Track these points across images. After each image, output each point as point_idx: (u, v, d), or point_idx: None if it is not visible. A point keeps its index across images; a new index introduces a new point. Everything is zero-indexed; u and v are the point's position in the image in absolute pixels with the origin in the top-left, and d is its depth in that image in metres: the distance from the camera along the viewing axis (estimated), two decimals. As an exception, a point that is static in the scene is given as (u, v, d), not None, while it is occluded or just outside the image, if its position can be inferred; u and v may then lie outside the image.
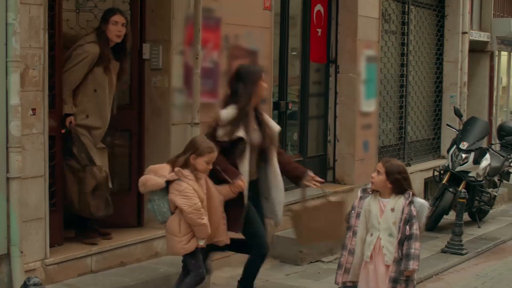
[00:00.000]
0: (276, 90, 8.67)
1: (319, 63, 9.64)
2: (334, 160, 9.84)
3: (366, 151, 10.00)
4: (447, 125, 11.75)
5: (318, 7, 9.42)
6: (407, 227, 5.07)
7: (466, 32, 12.60)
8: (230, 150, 5.81)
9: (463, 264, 8.95)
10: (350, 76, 9.67)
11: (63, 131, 5.99)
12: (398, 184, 5.13)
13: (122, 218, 6.78)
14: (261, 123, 5.99)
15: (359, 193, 5.35)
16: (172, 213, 5.49)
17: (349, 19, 9.61)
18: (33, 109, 5.52)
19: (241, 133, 5.77)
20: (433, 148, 12.65)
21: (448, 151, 10.91)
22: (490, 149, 11.23)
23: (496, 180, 11.69)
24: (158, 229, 6.55)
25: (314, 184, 6.22)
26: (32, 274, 5.51)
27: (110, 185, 6.41)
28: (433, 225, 10.42)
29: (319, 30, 9.49)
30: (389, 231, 5.13)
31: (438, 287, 7.90)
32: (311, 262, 8.30)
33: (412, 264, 5.04)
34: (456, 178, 10.52)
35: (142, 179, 5.51)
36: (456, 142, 10.76)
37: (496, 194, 11.51)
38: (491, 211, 11.68)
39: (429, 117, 12.50)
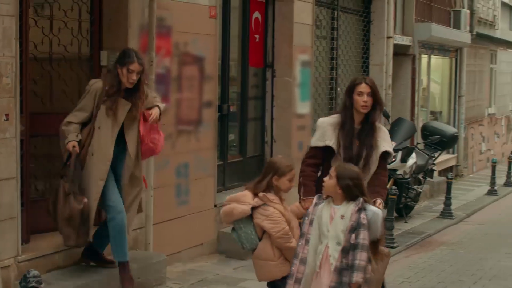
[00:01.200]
0: (219, 93, 9.23)
1: (257, 68, 10.25)
2: (271, 160, 10.45)
3: (300, 151, 10.64)
4: (375, 125, 12.54)
5: (256, 15, 10.03)
6: (353, 236, 4.90)
7: (390, 37, 13.44)
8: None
9: (395, 256, 9.68)
10: (286, 80, 10.31)
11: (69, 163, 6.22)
12: (349, 190, 5.03)
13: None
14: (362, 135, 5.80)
15: (314, 200, 5.22)
16: (260, 239, 5.51)
17: (285, 26, 10.25)
18: (7, 115, 5.93)
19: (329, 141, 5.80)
20: (360, 148, 13.42)
21: (375, 150, 11.68)
22: (416, 148, 12.06)
23: (420, 177, 12.58)
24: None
25: None
26: (6, 271, 5.98)
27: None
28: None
29: (257, 36, 10.10)
30: (337, 239, 4.97)
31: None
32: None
33: (356, 276, 4.84)
34: (385, 175, 11.31)
35: (226, 209, 5.55)
36: (384, 141, 11.54)
37: (421, 190, 12.40)
38: (416, 207, 12.56)
39: (356, 118, 13.26)
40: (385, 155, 5.82)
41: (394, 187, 10.46)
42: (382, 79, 13.32)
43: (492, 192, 15.50)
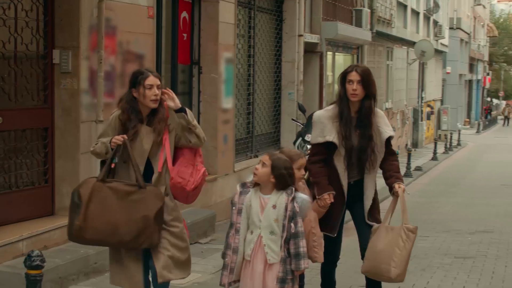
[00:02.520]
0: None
1: (185, 65, 10.89)
2: (199, 153, 11.11)
3: (225, 144, 11.36)
4: (292, 119, 13.43)
5: (184, 14, 10.66)
6: (292, 225, 5.00)
7: (301, 35, 14.32)
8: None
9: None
10: (212, 76, 10.98)
11: (113, 165, 5.46)
12: (283, 179, 5.07)
13: (38, 208, 7.72)
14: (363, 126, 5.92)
15: (238, 188, 5.21)
16: None
17: (211, 25, 10.92)
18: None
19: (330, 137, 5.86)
20: (274, 141, 14.25)
21: (294, 143, 12.53)
22: (330, 140, 12.95)
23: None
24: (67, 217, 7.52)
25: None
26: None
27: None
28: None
29: (185, 35, 10.74)
30: (271, 228, 5.03)
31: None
32: (191, 244, 9.52)
33: (303, 264, 5.01)
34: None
35: None
36: (301, 134, 12.40)
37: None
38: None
39: (271, 112, 14.08)
40: (389, 139, 5.95)
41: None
42: (294, 75, 14.21)
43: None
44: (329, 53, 16.94)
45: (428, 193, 16.35)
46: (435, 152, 23.85)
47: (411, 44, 25.47)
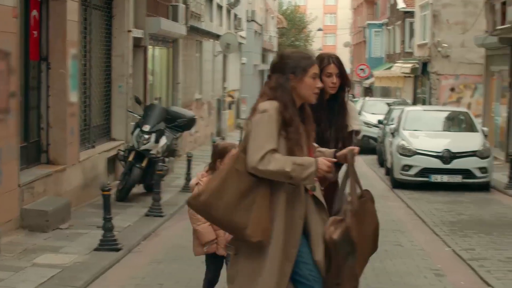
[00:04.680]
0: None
1: (35, 61, 11.67)
2: (48, 144, 11.94)
3: (72, 135, 12.26)
4: (129, 111, 14.51)
5: (34, 13, 11.45)
6: None
7: (130, 30, 15.38)
8: None
9: (167, 223, 11.81)
10: (61, 72, 11.85)
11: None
12: None
13: None
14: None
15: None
16: None
17: (59, 23, 11.78)
18: None
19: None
20: (106, 132, 15.23)
21: (132, 133, 13.62)
22: (166, 130, 14.16)
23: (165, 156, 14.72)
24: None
25: None
26: None
27: None
28: (124, 196, 13.10)
29: (35, 32, 11.52)
30: None
31: (161, 241, 10.61)
32: (53, 230, 10.43)
33: None
34: (140, 155, 13.30)
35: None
36: (139, 125, 13.53)
37: (168, 168, 14.54)
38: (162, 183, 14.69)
39: (103, 105, 15.04)
40: (355, 132, 5.95)
41: (162, 164, 12.54)
42: (124, 69, 15.26)
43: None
44: (150, 47, 18.07)
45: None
46: (240, 140, 25.63)
47: (217, 37, 27.08)
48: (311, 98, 4.77)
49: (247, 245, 4.58)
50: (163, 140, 13.78)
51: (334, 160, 4.64)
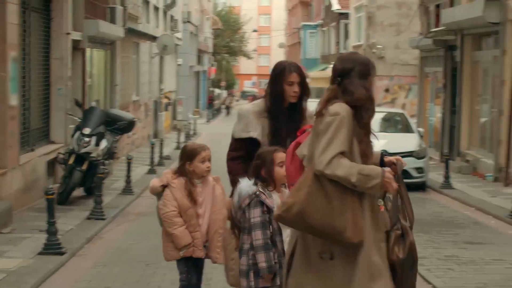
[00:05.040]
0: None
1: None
2: (-13, 148, 11.90)
3: (12, 139, 12.22)
4: (68, 114, 14.51)
5: (-26, 15, 11.42)
6: None
7: (69, 33, 15.38)
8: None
9: (109, 226, 11.87)
10: (1, 75, 11.82)
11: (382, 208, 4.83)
12: None
13: None
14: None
15: (263, 195, 5.34)
16: None
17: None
18: None
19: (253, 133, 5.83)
20: (45, 135, 15.19)
21: (72, 136, 13.64)
22: (106, 133, 14.20)
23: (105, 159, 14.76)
24: None
25: None
26: None
27: None
28: (65, 199, 13.11)
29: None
30: None
31: (104, 244, 10.68)
32: (-5, 234, 10.43)
33: None
34: (81, 158, 13.34)
35: (151, 181, 6.13)
36: (79, 128, 13.56)
37: (108, 170, 14.58)
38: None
39: (42, 107, 14.99)
40: None
41: (104, 167, 12.59)
42: (63, 71, 15.25)
43: (152, 170, 18.27)
44: (88, 49, 18.05)
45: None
46: (178, 142, 25.82)
47: (154, 38, 27.11)
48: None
49: (342, 248, 4.58)
50: (104, 143, 13.84)
51: (393, 173, 4.65)
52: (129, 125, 15.22)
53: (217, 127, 42.32)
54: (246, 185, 5.33)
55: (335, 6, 44.33)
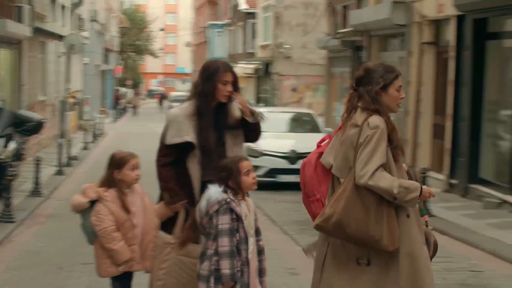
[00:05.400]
0: None
1: None
2: None
3: None
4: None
5: None
6: None
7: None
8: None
9: (19, 229, 11.67)
10: None
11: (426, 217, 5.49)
12: None
13: None
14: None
15: (233, 203, 5.36)
16: None
17: None
18: None
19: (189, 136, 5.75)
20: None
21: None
22: (14, 134, 13.95)
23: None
24: None
25: None
26: None
27: None
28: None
29: None
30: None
31: (15, 247, 10.50)
32: None
33: None
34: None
35: (71, 199, 5.70)
36: (-6, 133, 13.31)
37: (16, 172, 14.32)
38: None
39: None
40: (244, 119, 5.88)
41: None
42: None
43: (60, 171, 18.04)
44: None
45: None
46: (85, 142, 25.55)
47: (60, 37, 26.71)
48: (395, 109, 4.95)
49: (379, 254, 4.78)
50: (12, 144, 13.60)
51: (433, 192, 4.92)
52: (37, 126, 14.97)
53: (124, 127, 41.97)
54: (215, 191, 5.31)
55: (243, 6, 44.52)
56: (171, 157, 5.80)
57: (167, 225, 5.84)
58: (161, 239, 5.77)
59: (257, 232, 5.53)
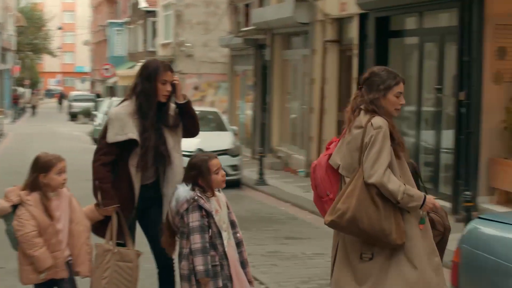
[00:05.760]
0: None
1: None
2: None
3: None
4: None
5: None
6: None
7: None
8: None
9: None
10: None
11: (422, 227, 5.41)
12: None
13: None
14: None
15: (201, 200, 5.40)
16: None
17: None
18: None
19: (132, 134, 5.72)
20: None
21: None
22: None
23: None
24: None
25: None
26: None
27: None
28: None
29: None
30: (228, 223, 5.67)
31: None
32: None
33: None
34: None
35: None
36: None
37: None
38: None
39: None
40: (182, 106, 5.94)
41: None
42: None
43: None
44: None
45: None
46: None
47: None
48: (394, 114, 5.14)
49: (385, 249, 5.00)
50: None
51: (438, 204, 5.18)
52: None
53: (24, 127, 41.00)
54: (183, 190, 5.37)
55: (142, 4, 44.11)
56: (111, 156, 5.75)
57: (98, 228, 5.83)
58: (101, 247, 5.75)
59: (233, 225, 5.62)
